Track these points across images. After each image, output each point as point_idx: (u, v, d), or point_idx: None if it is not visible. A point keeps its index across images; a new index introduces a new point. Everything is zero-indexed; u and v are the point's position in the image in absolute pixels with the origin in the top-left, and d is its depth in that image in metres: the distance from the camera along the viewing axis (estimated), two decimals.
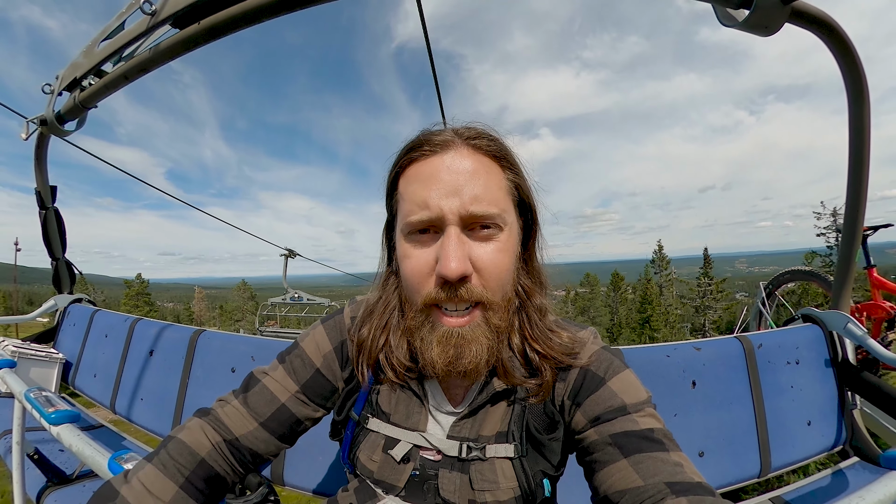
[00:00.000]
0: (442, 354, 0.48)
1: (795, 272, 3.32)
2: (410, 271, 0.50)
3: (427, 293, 0.48)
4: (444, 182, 0.47)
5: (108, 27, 1.43)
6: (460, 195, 0.47)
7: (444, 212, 0.46)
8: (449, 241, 0.46)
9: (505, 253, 0.50)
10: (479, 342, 0.49)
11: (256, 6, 1.04)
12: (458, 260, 0.45)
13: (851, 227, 1.43)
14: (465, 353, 0.48)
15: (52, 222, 2.29)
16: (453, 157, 0.49)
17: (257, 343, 1.50)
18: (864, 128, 1.29)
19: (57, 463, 1.35)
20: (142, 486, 0.51)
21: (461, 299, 0.47)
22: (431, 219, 0.47)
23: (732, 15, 1.01)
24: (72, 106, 1.66)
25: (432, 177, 0.48)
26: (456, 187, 0.47)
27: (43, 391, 0.94)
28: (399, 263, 0.53)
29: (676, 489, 0.42)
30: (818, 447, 1.40)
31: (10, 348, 1.91)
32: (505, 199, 0.51)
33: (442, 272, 0.46)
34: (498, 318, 0.50)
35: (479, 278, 0.48)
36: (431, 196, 0.47)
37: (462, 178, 0.47)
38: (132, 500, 0.49)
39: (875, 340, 1.38)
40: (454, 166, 0.48)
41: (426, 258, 0.48)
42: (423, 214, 0.47)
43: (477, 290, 0.48)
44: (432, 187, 0.47)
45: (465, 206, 0.46)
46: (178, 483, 0.52)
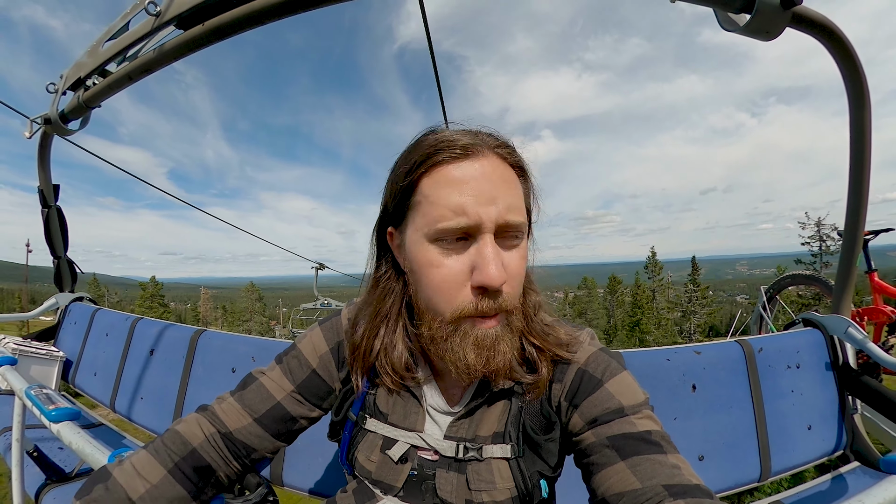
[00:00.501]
0: (479, 358, 0.48)
1: (796, 276, 3.32)
2: (441, 280, 0.48)
3: (461, 303, 0.47)
4: (480, 189, 0.46)
5: (113, 27, 1.44)
6: (496, 204, 0.46)
7: (482, 220, 0.46)
8: (489, 250, 0.46)
9: (524, 260, 0.52)
10: (507, 342, 0.50)
11: (261, 8, 1.05)
12: (499, 268, 0.46)
13: (852, 230, 1.43)
14: (497, 353, 0.49)
15: (55, 221, 2.30)
16: (485, 164, 0.48)
17: (258, 343, 1.50)
18: (865, 131, 1.29)
19: (56, 461, 1.36)
20: (132, 467, 0.52)
21: (499, 308, 0.48)
22: (469, 226, 0.46)
23: (734, 19, 1.02)
24: (75, 105, 1.67)
25: (466, 182, 0.47)
26: (493, 196, 0.47)
27: (43, 388, 0.94)
28: (418, 270, 0.50)
29: (674, 491, 0.42)
30: (818, 452, 1.39)
31: (11, 346, 1.91)
32: (524, 210, 0.52)
33: (486, 281, 0.45)
34: (517, 321, 0.52)
35: (507, 285, 0.49)
36: (468, 202, 0.46)
37: (498, 187, 0.47)
38: (121, 480, 0.51)
39: (876, 345, 1.38)
40: (488, 173, 0.47)
41: (459, 267, 0.47)
42: (459, 221, 0.46)
43: (508, 298, 0.48)
44: (468, 193, 0.46)
45: (502, 216, 0.47)
46: (167, 468, 0.53)
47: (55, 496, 1.25)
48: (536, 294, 0.58)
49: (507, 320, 0.50)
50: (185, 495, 0.53)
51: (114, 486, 0.50)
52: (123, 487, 0.50)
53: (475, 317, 0.48)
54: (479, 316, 0.48)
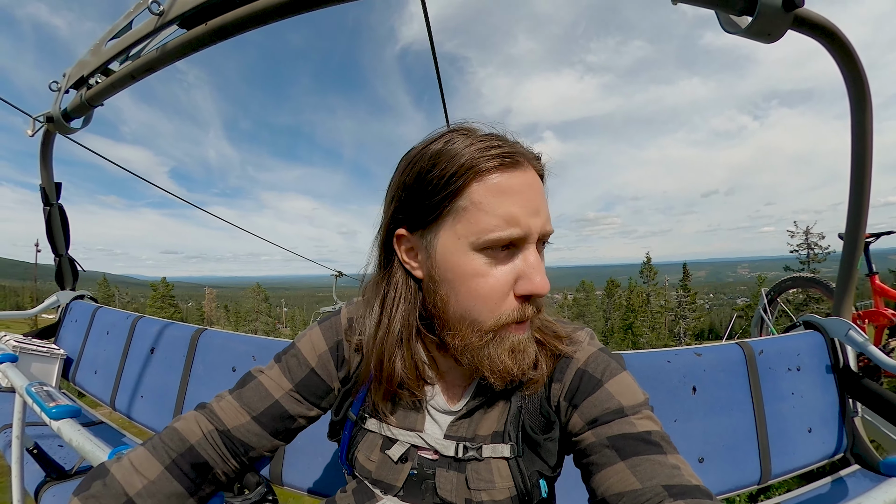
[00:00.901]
0: (515, 363, 0.50)
1: (797, 279, 3.32)
2: (489, 289, 0.48)
3: (504, 311, 0.48)
4: (529, 200, 0.48)
5: (116, 26, 1.45)
6: (540, 215, 0.49)
7: (532, 230, 0.47)
8: (536, 259, 0.48)
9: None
10: (532, 344, 0.52)
11: (264, 8, 1.05)
12: (544, 277, 0.48)
13: (853, 233, 1.43)
14: (526, 357, 0.51)
15: (57, 219, 2.30)
16: (529, 175, 0.49)
17: (258, 342, 1.50)
18: (867, 134, 1.29)
19: (56, 458, 1.36)
20: (130, 464, 0.52)
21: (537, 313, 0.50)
22: (520, 237, 0.47)
23: (735, 22, 1.02)
24: (78, 104, 1.68)
25: (517, 192, 0.47)
26: (537, 207, 0.48)
27: (44, 386, 0.94)
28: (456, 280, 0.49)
29: (674, 492, 0.42)
30: (819, 454, 1.39)
31: (12, 343, 1.91)
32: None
33: (536, 290, 0.47)
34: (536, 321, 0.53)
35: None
36: (520, 213, 0.46)
37: (540, 198, 0.50)
38: (118, 476, 0.51)
39: (877, 347, 1.38)
40: (533, 185, 0.49)
41: (506, 277, 0.48)
42: (512, 231, 0.46)
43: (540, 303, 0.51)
44: (519, 203, 0.47)
45: (545, 227, 0.49)
46: (164, 464, 0.53)
47: (55, 493, 1.25)
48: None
49: (532, 322, 0.52)
50: (182, 491, 0.53)
51: (111, 483, 0.50)
52: (121, 483, 0.50)
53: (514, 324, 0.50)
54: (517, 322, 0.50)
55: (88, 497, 0.49)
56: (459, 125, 0.53)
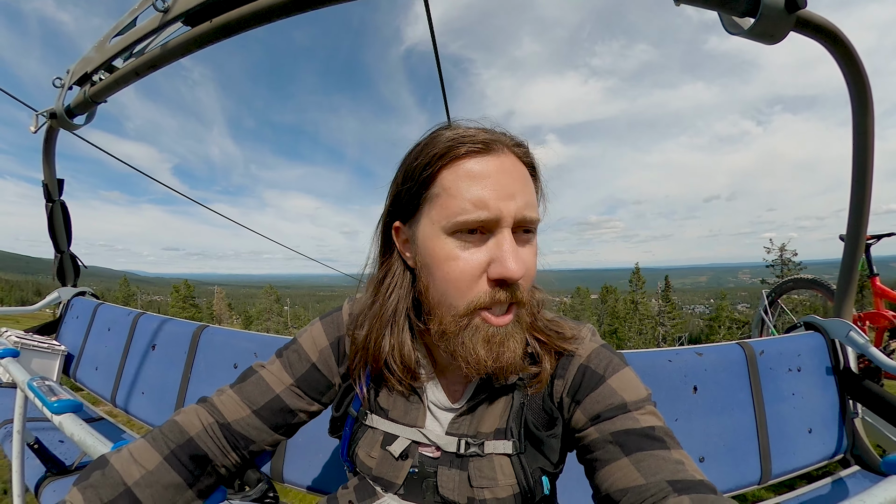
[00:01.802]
0: (489, 354, 0.49)
1: (798, 280, 3.32)
2: (459, 272, 0.48)
3: (477, 296, 0.48)
4: (501, 184, 0.48)
5: (121, 23, 1.45)
6: (516, 199, 0.48)
7: (503, 214, 0.47)
8: (508, 243, 0.47)
9: (536, 256, 0.53)
10: (516, 338, 0.50)
11: (268, 6, 1.06)
12: (518, 262, 0.47)
13: (855, 235, 1.43)
14: (507, 349, 0.49)
15: (59, 215, 2.30)
16: (504, 160, 0.49)
17: (260, 339, 1.50)
18: (868, 137, 1.29)
19: (57, 453, 1.36)
20: (129, 454, 0.53)
21: (515, 299, 0.49)
22: (489, 220, 0.47)
23: (738, 23, 1.02)
24: (81, 100, 1.68)
25: (487, 176, 0.48)
26: (512, 191, 0.48)
27: (46, 380, 0.94)
28: (433, 263, 0.50)
29: (678, 487, 0.42)
30: (819, 455, 1.39)
31: (13, 338, 1.91)
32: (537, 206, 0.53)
33: (506, 274, 0.46)
34: (526, 315, 0.52)
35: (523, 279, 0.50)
36: (490, 196, 0.47)
37: (517, 182, 0.49)
38: (117, 466, 0.51)
39: (877, 349, 1.38)
40: (508, 169, 0.49)
41: (477, 260, 0.48)
42: (480, 214, 0.47)
43: (522, 291, 0.50)
44: (489, 187, 0.47)
45: (520, 210, 0.48)
46: (163, 455, 0.53)
47: (55, 488, 1.25)
48: (540, 291, 0.59)
49: (518, 315, 0.51)
50: (181, 482, 0.53)
51: (110, 472, 0.50)
52: (119, 473, 0.50)
53: (487, 310, 0.49)
54: (488, 309, 0.49)
55: (87, 487, 0.49)
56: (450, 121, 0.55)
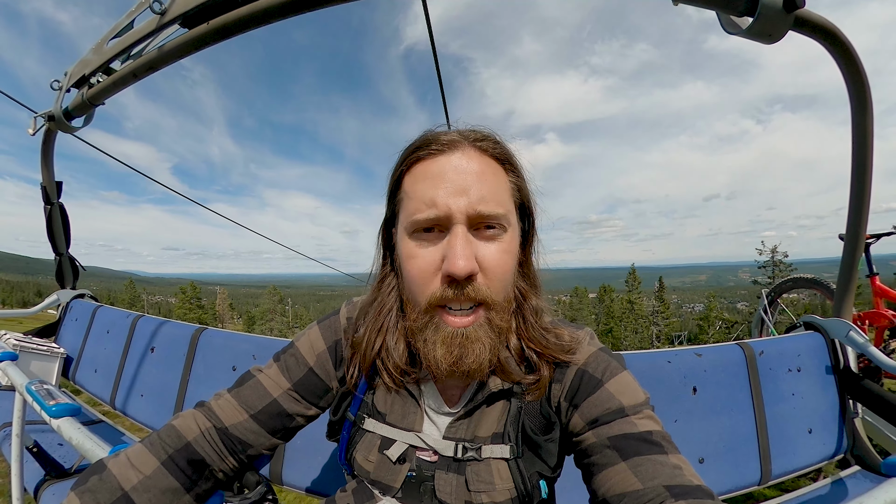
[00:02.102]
0: (447, 355, 0.49)
1: (798, 280, 3.31)
2: (417, 270, 0.50)
3: (432, 293, 0.48)
4: (451, 181, 0.48)
5: (118, 25, 1.45)
6: (468, 195, 0.47)
7: (452, 210, 0.47)
8: (457, 240, 0.47)
9: (508, 254, 0.50)
10: (482, 342, 0.49)
11: (265, 7, 1.05)
12: (465, 258, 0.46)
13: (854, 234, 1.43)
14: (469, 353, 0.48)
15: (57, 218, 2.30)
16: (460, 157, 0.49)
17: (259, 342, 1.50)
18: (868, 136, 1.29)
19: (56, 456, 1.36)
20: (126, 459, 0.53)
21: (467, 298, 0.48)
22: (439, 217, 0.48)
23: (736, 22, 1.02)
24: (80, 102, 1.67)
25: (440, 176, 0.48)
26: (464, 187, 0.47)
27: (44, 384, 0.94)
28: (402, 263, 0.53)
29: (676, 492, 0.42)
30: (819, 455, 1.39)
31: (12, 341, 1.91)
32: (508, 202, 0.51)
33: (450, 270, 0.46)
34: (500, 319, 0.51)
35: (483, 278, 0.48)
36: (439, 195, 0.47)
37: (470, 178, 0.48)
38: (114, 471, 0.51)
39: (877, 348, 1.38)
40: (462, 166, 0.49)
41: (432, 257, 0.49)
42: (430, 213, 0.48)
43: (482, 290, 0.48)
44: (440, 186, 0.48)
45: (472, 206, 0.47)
46: (161, 460, 0.53)
47: (54, 492, 1.25)
48: (537, 298, 0.58)
49: (487, 317, 0.50)
50: (178, 487, 0.53)
51: (107, 477, 0.50)
52: (116, 477, 0.50)
53: (445, 311, 0.49)
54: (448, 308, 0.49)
55: (84, 491, 0.49)
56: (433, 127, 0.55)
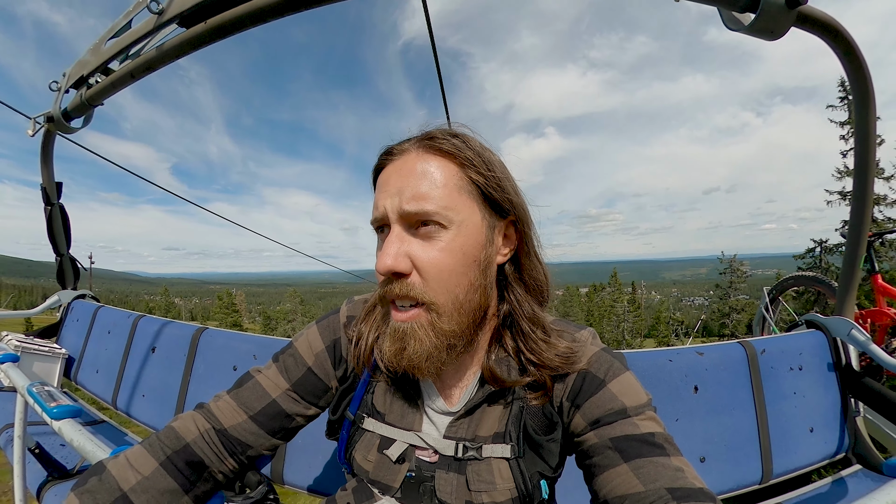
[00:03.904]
0: (391, 346, 0.51)
1: (800, 277, 3.29)
2: (376, 268, 0.52)
3: (379, 289, 0.52)
4: (391, 184, 0.50)
5: (116, 25, 1.45)
6: (400, 195, 0.49)
7: (386, 211, 0.50)
8: (387, 239, 0.49)
9: (448, 253, 0.48)
10: (421, 341, 0.49)
11: (263, 6, 1.05)
12: (390, 256, 0.47)
13: (856, 232, 1.42)
14: (408, 347, 0.49)
15: (58, 218, 2.30)
16: (405, 160, 0.51)
17: (259, 342, 1.50)
18: (870, 132, 1.28)
19: (58, 457, 1.36)
20: (126, 460, 0.53)
21: (396, 295, 0.49)
22: (379, 218, 0.51)
23: (738, 18, 1.01)
24: (78, 103, 1.67)
25: (385, 181, 0.52)
26: (399, 188, 0.49)
27: (45, 386, 0.94)
28: None
29: (678, 495, 0.42)
30: (820, 454, 1.39)
31: (14, 343, 1.92)
32: (453, 198, 0.49)
33: (376, 266, 0.49)
34: (446, 322, 0.49)
35: (419, 277, 0.48)
36: (381, 198, 0.51)
37: (404, 178, 0.50)
38: (113, 472, 0.51)
39: (879, 347, 1.37)
40: (402, 168, 0.51)
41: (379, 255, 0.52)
42: (374, 214, 0.52)
43: (416, 289, 0.48)
44: (383, 190, 0.51)
45: (401, 205, 0.49)
46: (159, 461, 0.54)
47: (56, 493, 1.25)
48: (532, 304, 0.56)
49: (429, 318, 0.49)
50: (177, 488, 0.53)
51: (106, 478, 0.51)
52: (115, 478, 0.51)
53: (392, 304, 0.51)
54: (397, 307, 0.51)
55: (84, 492, 0.49)
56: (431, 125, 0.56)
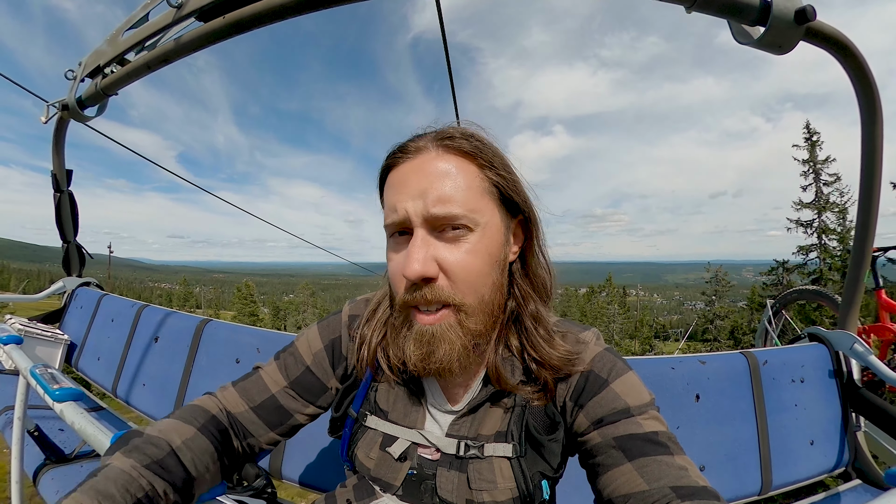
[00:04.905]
0: (416, 351, 0.50)
1: (803, 291, 3.28)
2: (391, 273, 0.52)
3: (403, 294, 0.50)
4: (410, 185, 0.49)
5: (133, 17, 1.47)
6: (424, 197, 0.47)
7: (409, 214, 0.48)
8: (413, 244, 0.47)
9: (475, 255, 0.48)
10: (451, 342, 0.49)
11: (282, 3, 1.06)
12: (419, 262, 0.46)
13: (861, 246, 1.42)
14: (437, 350, 0.49)
15: (66, 205, 2.32)
16: (423, 159, 0.50)
17: (263, 335, 1.50)
18: (877, 148, 1.29)
19: (57, 441, 1.36)
20: (164, 426, 0.52)
21: (426, 300, 0.48)
22: (400, 222, 0.49)
23: (748, 32, 1.02)
24: (93, 92, 1.69)
25: (402, 181, 0.50)
26: (421, 190, 0.48)
27: (48, 368, 0.95)
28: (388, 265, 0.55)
29: (682, 493, 0.42)
30: (820, 468, 1.38)
31: (17, 326, 1.93)
32: (477, 199, 0.49)
33: (404, 273, 0.47)
34: (474, 322, 0.50)
35: (446, 279, 0.48)
36: (400, 200, 0.49)
37: (427, 180, 0.48)
38: (155, 433, 0.50)
39: (882, 362, 1.37)
40: (422, 169, 0.49)
41: (400, 260, 0.50)
42: (393, 218, 0.49)
43: (445, 292, 0.48)
44: (402, 191, 0.49)
45: (427, 208, 0.47)
46: (197, 426, 0.54)
47: (53, 476, 1.25)
48: (537, 302, 0.56)
49: (457, 318, 0.49)
50: (214, 451, 0.54)
51: (150, 438, 0.49)
52: (160, 438, 0.50)
53: (415, 309, 0.50)
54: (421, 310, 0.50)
55: (131, 450, 0.47)
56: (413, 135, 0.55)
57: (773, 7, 0.89)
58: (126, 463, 0.45)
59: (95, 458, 1.35)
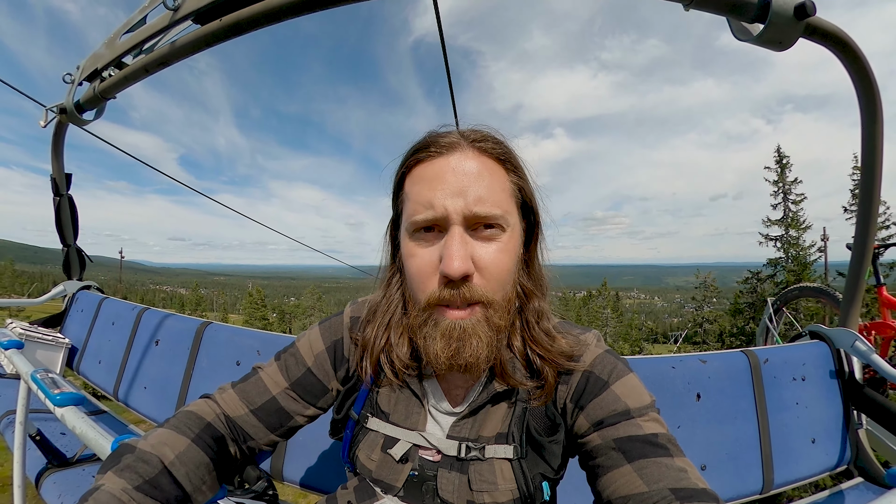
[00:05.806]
0: (445, 348, 0.49)
1: (804, 288, 3.27)
2: (416, 269, 0.51)
3: (431, 292, 0.49)
4: (448, 183, 0.48)
5: (131, 20, 1.47)
6: (464, 196, 0.48)
7: (448, 211, 0.48)
8: (453, 241, 0.47)
9: (506, 254, 0.50)
10: (480, 337, 0.49)
11: (279, 5, 1.06)
12: (461, 259, 0.46)
13: (862, 243, 1.42)
14: (467, 346, 0.49)
15: (66, 209, 2.32)
16: (459, 158, 0.50)
17: (263, 337, 1.50)
18: (877, 145, 1.29)
19: (58, 445, 1.36)
20: (155, 439, 0.52)
21: (463, 298, 0.48)
22: (436, 218, 0.48)
23: (747, 29, 1.01)
24: (91, 96, 1.69)
25: (437, 177, 0.49)
26: (460, 188, 0.48)
27: (49, 373, 0.95)
28: (404, 262, 0.54)
29: (681, 495, 0.42)
30: (822, 466, 1.38)
31: (18, 330, 1.93)
32: (508, 202, 0.51)
33: (445, 270, 0.47)
34: (498, 318, 0.51)
35: (480, 278, 0.49)
36: (437, 196, 0.48)
37: (467, 179, 0.49)
38: (147, 449, 0.50)
39: (883, 359, 1.37)
40: (459, 167, 0.49)
41: (430, 257, 0.49)
42: (428, 214, 0.49)
43: (478, 290, 0.48)
44: (437, 188, 0.49)
45: (469, 207, 0.48)
46: (190, 437, 0.54)
47: (55, 480, 1.26)
48: (540, 299, 0.57)
49: (485, 314, 0.50)
50: (208, 462, 0.54)
51: (142, 455, 0.49)
52: (152, 454, 0.50)
53: (443, 306, 0.49)
54: (447, 305, 0.49)
55: (123, 469, 0.47)
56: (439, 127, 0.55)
57: (772, 2, 0.88)
58: (117, 485, 0.45)
59: (97, 461, 1.35)
